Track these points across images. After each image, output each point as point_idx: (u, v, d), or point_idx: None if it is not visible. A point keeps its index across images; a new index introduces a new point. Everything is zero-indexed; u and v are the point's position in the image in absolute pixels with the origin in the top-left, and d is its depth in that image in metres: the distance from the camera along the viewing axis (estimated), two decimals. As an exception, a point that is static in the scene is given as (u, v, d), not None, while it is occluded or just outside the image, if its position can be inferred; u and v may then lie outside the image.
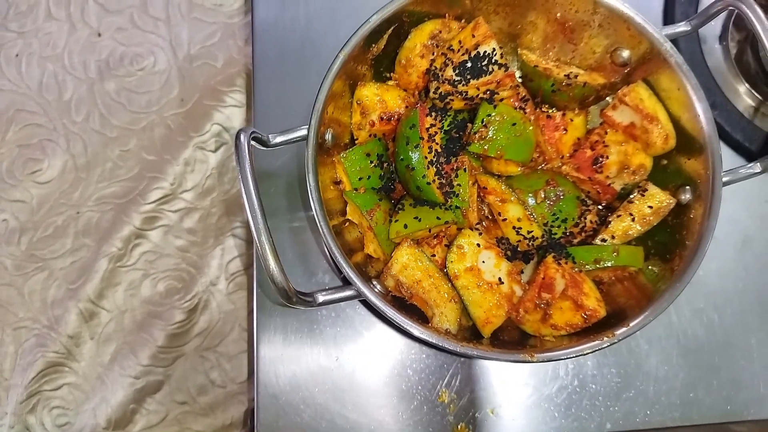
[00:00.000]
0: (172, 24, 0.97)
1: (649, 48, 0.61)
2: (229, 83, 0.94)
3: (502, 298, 0.56)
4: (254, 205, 0.48)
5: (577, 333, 0.56)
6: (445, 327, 0.56)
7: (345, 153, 0.62)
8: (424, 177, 0.56)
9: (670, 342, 0.69)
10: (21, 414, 0.85)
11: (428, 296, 0.57)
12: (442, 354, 0.68)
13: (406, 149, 0.57)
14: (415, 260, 0.57)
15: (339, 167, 0.62)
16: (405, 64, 0.64)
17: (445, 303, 0.56)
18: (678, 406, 0.67)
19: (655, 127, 0.60)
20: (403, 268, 0.57)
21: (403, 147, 0.57)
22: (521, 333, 0.59)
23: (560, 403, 0.67)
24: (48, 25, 0.98)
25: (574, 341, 0.53)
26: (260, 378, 0.68)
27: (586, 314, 0.55)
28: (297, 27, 0.78)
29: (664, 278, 0.56)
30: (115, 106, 0.94)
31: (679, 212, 0.60)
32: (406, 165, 0.57)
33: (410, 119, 0.58)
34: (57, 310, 0.88)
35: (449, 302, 0.57)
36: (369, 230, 0.59)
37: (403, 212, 0.59)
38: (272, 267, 0.48)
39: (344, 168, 0.61)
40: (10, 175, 0.93)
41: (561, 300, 0.56)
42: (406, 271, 0.57)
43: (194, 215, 0.91)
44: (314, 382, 0.67)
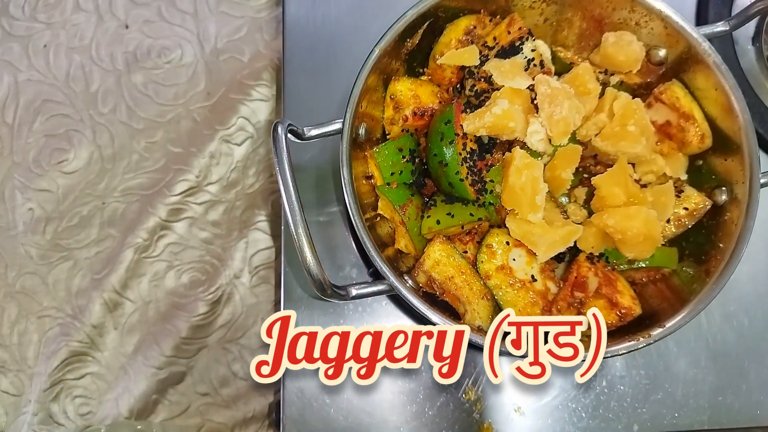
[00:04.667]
0: (200, 17, 0.97)
1: (687, 47, 0.60)
2: (255, 77, 0.94)
3: (536, 296, 0.56)
4: (292, 198, 0.48)
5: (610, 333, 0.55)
6: (477, 324, 0.56)
7: (377, 147, 0.61)
8: (458, 174, 0.56)
9: (699, 345, 0.69)
10: (44, 402, 0.86)
11: (460, 293, 0.56)
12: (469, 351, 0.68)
13: (440, 145, 0.57)
14: (448, 256, 0.57)
15: (371, 162, 0.62)
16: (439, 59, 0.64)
17: (477, 300, 0.56)
18: (706, 410, 0.67)
19: (691, 125, 0.59)
20: (435, 264, 0.57)
21: (437, 143, 0.57)
22: None
23: (587, 404, 0.66)
24: (76, 17, 0.98)
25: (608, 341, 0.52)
26: (286, 371, 0.68)
27: (620, 312, 0.55)
28: (327, 22, 0.78)
29: (699, 280, 0.56)
30: (142, 98, 0.94)
31: (714, 213, 0.59)
32: (439, 161, 0.57)
33: (445, 115, 0.57)
34: (81, 300, 0.89)
35: (481, 299, 0.56)
36: (401, 225, 0.59)
37: (435, 208, 0.58)
38: (309, 259, 0.48)
39: (376, 162, 0.61)
40: (36, 165, 0.93)
41: (595, 299, 0.55)
42: (438, 267, 0.57)
43: (219, 208, 0.91)
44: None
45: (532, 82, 0.58)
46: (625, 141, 0.56)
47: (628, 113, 0.57)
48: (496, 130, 0.56)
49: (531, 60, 0.60)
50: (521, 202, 0.55)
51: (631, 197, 0.55)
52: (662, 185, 0.57)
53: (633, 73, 0.63)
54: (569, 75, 0.60)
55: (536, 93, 0.57)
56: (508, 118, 0.55)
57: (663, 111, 0.61)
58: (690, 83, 0.61)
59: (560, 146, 0.57)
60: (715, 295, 0.53)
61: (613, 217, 0.54)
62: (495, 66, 0.59)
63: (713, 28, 0.61)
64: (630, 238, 0.53)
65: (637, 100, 0.58)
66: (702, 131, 0.60)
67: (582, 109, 0.57)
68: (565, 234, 0.55)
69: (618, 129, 0.57)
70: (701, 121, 0.60)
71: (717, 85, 0.59)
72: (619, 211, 0.54)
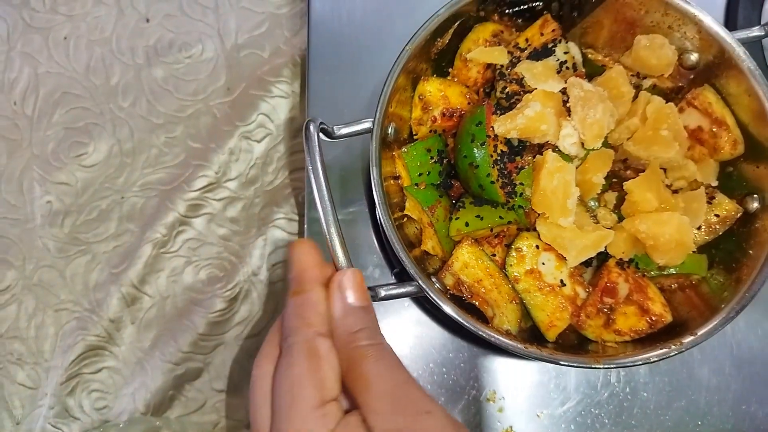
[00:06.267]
0: (221, 12, 0.96)
1: (720, 52, 0.59)
2: (275, 73, 0.93)
3: (565, 301, 0.56)
4: (324, 198, 0.48)
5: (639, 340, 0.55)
6: (506, 328, 0.55)
7: (406, 148, 0.61)
8: (489, 176, 0.55)
9: (723, 352, 0.68)
10: (60, 395, 0.85)
11: (488, 296, 0.56)
12: (493, 354, 0.68)
13: (471, 147, 0.56)
14: (476, 259, 0.56)
15: (398, 162, 0.62)
16: (466, 58, 0.63)
17: (506, 303, 0.56)
18: (730, 418, 0.66)
19: (724, 131, 0.59)
20: (464, 267, 0.56)
21: (467, 144, 0.57)
22: (579, 337, 0.58)
23: (611, 410, 0.66)
24: (97, 10, 0.98)
25: (637, 348, 0.52)
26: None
27: (651, 319, 0.54)
28: (352, 19, 0.78)
29: (730, 288, 0.55)
30: (162, 92, 0.94)
31: (745, 221, 0.58)
32: (469, 163, 0.56)
33: (476, 116, 0.57)
34: (99, 294, 0.88)
35: (510, 303, 0.56)
36: (429, 226, 0.59)
37: (464, 210, 0.58)
38: (341, 260, 0.48)
39: (404, 162, 0.61)
40: (55, 158, 0.93)
41: (625, 305, 0.55)
42: (466, 269, 0.56)
43: (237, 204, 0.90)
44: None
45: (564, 85, 0.58)
46: (657, 145, 0.56)
47: (661, 117, 0.56)
48: (528, 133, 0.56)
49: (563, 62, 0.60)
50: (552, 205, 0.54)
51: (663, 203, 0.54)
52: (694, 191, 0.57)
53: (665, 77, 0.63)
54: (602, 78, 0.59)
55: (569, 96, 0.57)
56: (540, 120, 0.55)
57: (695, 116, 0.60)
58: (722, 88, 0.61)
59: (593, 150, 0.57)
60: (747, 303, 0.53)
61: (646, 222, 0.53)
62: (527, 68, 0.58)
63: (748, 33, 0.60)
64: (662, 244, 0.53)
65: (670, 105, 0.57)
66: (734, 137, 0.59)
67: (615, 112, 0.57)
68: (596, 239, 0.54)
69: (650, 133, 0.56)
70: (733, 127, 0.59)
71: (750, 91, 0.58)
72: (652, 216, 0.54)
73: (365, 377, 0.40)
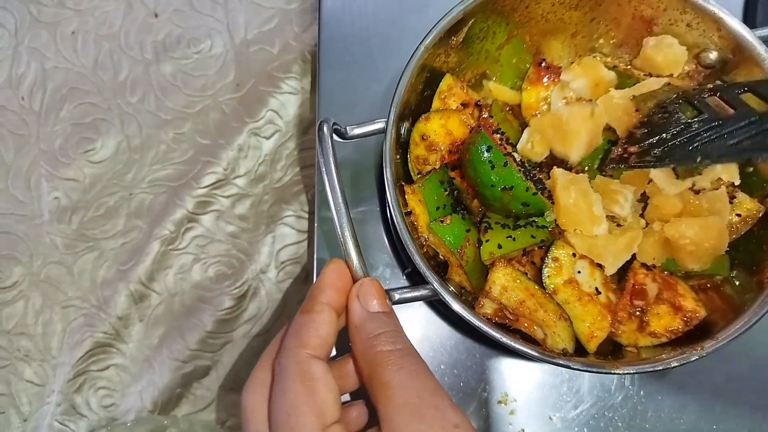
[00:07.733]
0: (230, 8, 0.95)
1: (740, 50, 0.58)
2: (285, 69, 0.92)
3: (603, 309, 0.54)
4: (338, 199, 0.47)
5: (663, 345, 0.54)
6: (562, 347, 0.53)
7: (421, 182, 0.58)
8: (528, 190, 0.53)
9: (740, 356, 0.67)
10: (68, 393, 0.85)
11: (535, 316, 0.53)
12: (504, 356, 0.67)
13: (493, 173, 0.53)
14: (514, 280, 0.53)
15: (412, 198, 0.58)
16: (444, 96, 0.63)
17: (555, 321, 0.53)
18: (746, 423, 0.65)
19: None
20: (503, 291, 0.53)
21: (488, 173, 0.54)
22: (614, 345, 0.56)
23: (624, 414, 0.65)
24: (105, 4, 0.97)
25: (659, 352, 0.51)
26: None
27: (686, 316, 0.53)
28: (364, 16, 0.77)
29: (751, 290, 0.54)
30: (171, 88, 0.93)
31: (766, 222, 0.57)
32: (501, 188, 0.54)
33: (480, 143, 0.54)
34: (106, 291, 0.88)
35: (559, 320, 0.53)
36: (458, 267, 0.56)
37: (492, 231, 0.55)
38: (355, 262, 0.47)
39: (421, 198, 0.57)
40: (63, 153, 0.92)
41: (656, 304, 0.53)
42: (506, 293, 0.53)
43: (246, 202, 0.90)
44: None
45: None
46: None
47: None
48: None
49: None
50: (580, 219, 0.53)
51: (687, 205, 0.53)
52: (716, 192, 0.55)
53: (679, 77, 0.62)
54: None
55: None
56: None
57: (714, 116, 0.59)
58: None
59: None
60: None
61: (692, 228, 0.52)
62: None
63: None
64: (704, 250, 0.52)
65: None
66: (754, 137, 0.58)
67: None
68: (628, 241, 0.53)
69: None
70: (753, 126, 0.58)
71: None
72: (698, 222, 0.52)
73: (386, 386, 0.38)
